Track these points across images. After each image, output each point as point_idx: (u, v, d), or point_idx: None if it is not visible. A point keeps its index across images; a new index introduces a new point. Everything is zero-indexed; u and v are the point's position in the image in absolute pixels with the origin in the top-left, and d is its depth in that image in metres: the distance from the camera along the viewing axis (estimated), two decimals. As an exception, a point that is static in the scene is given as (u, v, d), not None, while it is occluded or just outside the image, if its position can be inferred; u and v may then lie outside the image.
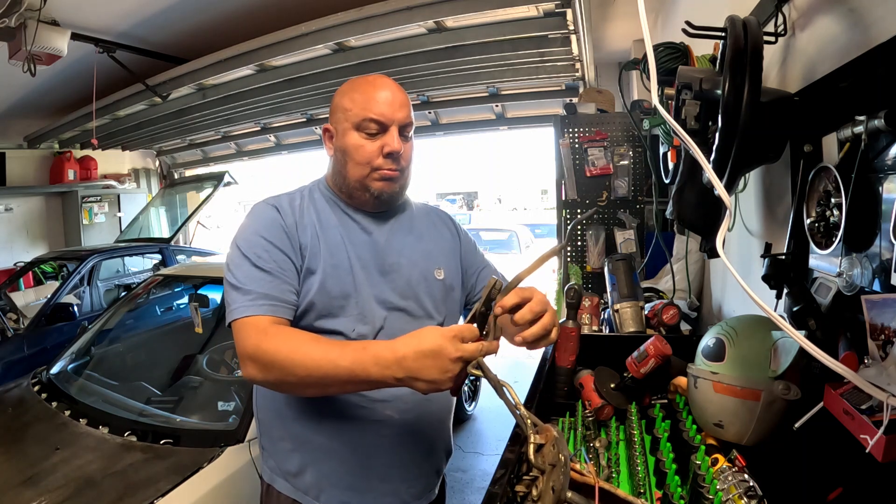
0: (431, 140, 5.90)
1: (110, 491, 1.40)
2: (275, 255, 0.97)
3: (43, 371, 2.26)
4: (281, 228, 0.99)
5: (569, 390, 1.31)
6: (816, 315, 0.90)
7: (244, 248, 0.97)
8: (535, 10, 2.78)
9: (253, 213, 1.03)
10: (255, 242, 0.97)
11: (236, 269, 0.96)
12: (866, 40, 0.77)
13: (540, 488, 0.64)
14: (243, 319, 0.91)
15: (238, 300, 0.93)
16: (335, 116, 1.04)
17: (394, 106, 1.01)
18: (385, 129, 1.00)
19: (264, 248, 0.97)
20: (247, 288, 0.93)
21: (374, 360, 0.81)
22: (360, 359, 0.82)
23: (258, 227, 0.99)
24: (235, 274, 0.96)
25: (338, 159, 1.04)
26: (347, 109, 1.01)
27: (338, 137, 1.03)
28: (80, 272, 4.01)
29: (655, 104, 0.92)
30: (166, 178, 7.20)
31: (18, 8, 2.66)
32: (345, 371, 0.83)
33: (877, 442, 0.62)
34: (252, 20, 3.24)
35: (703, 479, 0.85)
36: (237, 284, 0.95)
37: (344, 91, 1.04)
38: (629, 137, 2.36)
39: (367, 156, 1.01)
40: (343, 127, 1.02)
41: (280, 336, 0.89)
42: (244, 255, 0.97)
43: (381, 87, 1.02)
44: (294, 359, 0.85)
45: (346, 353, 0.84)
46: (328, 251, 1.01)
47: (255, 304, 0.92)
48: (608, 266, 1.71)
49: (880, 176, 0.76)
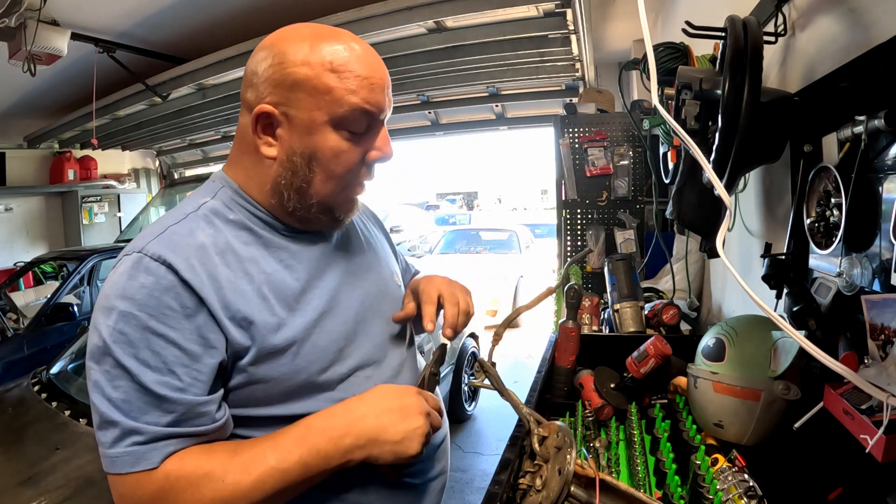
0: (431, 140, 5.90)
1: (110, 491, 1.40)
2: (178, 364, 0.60)
3: (43, 371, 2.26)
4: (175, 312, 0.60)
5: (569, 390, 1.31)
6: (816, 315, 0.90)
7: (116, 347, 0.58)
8: (535, 10, 2.78)
9: (124, 282, 0.61)
10: (136, 338, 0.59)
11: (108, 380, 0.59)
12: (866, 40, 0.77)
13: (545, 476, 0.65)
14: (131, 476, 0.59)
15: (115, 441, 0.58)
16: (293, 97, 0.65)
17: (388, 89, 0.70)
18: (374, 126, 0.70)
19: (151, 345, 0.59)
20: (129, 423, 0.58)
21: (324, 433, 0.63)
22: (307, 443, 0.62)
23: (140, 307, 0.59)
24: (108, 393, 0.59)
25: (293, 166, 0.67)
26: (326, 92, 0.64)
27: (295, 132, 0.66)
28: (80, 272, 4.01)
29: (655, 104, 0.92)
30: (166, 178, 7.20)
31: (18, 8, 2.66)
32: (297, 471, 0.61)
33: (877, 442, 0.62)
34: (252, 20, 3.24)
35: (703, 479, 0.85)
36: (109, 414, 0.58)
37: (310, 58, 0.64)
38: (629, 137, 2.36)
39: (346, 167, 0.69)
40: (312, 118, 0.65)
41: (189, 486, 0.59)
42: (116, 360, 0.59)
43: (374, 59, 0.68)
44: (226, 491, 0.59)
45: (284, 447, 0.62)
46: (286, 311, 0.68)
47: (153, 450, 0.59)
48: (608, 266, 1.71)
49: (880, 176, 0.76)
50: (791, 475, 0.89)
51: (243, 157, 0.71)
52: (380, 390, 0.68)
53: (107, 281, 0.63)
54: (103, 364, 0.59)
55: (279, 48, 0.66)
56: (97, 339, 0.60)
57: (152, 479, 0.59)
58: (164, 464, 0.60)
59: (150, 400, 0.59)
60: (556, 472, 0.64)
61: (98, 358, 0.60)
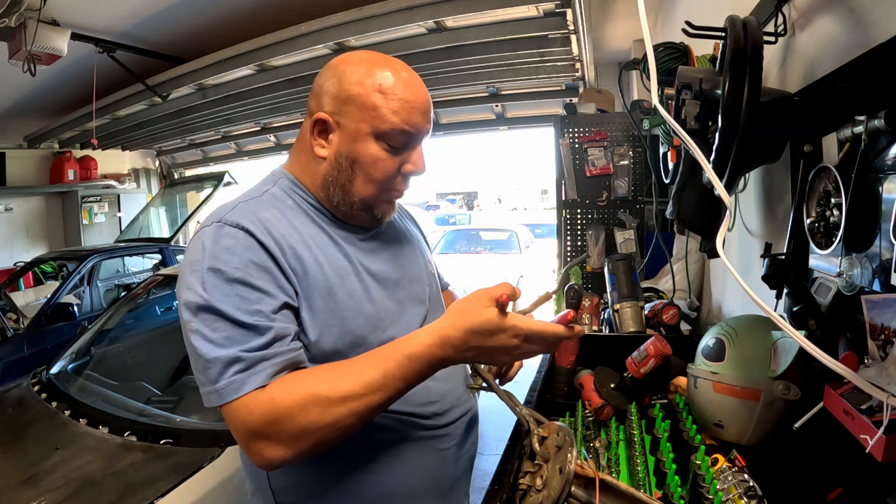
0: (431, 140, 5.88)
1: (110, 491, 1.40)
2: (263, 302, 0.71)
3: (43, 371, 2.25)
4: (257, 265, 0.72)
5: (569, 390, 1.31)
6: (816, 315, 0.90)
7: (210, 296, 0.69)
8: (535, 10, 2.78)
9: (210, 245, 0.72)
10: (226, 285, 0.70)
11: (206, 325, 0.69)
12: (866, 40, 0.77)
13: (545, 476, 0.65)
14: (240, 400, 0.67)
15: (220, 373, 0.68)
16: (345, 109, 0.77)
17: (427, 114, 0.81)
18: (411, 143, 0.81)
19: (240, 292, 0.70)
20: (232, 353, 0.68)
21: (438, 341, 0.69)
22: (405, 346, 0.69)
23: (227, 262, 0.71)
24: (209, 336, 0.69)
25: (339, 166, 0.79)
26: (372, 109, 0.76)
27: (345, 139, 0.78)
28: (80, 272, 4.01)
29: (655, 104, 0.92)
30: (166, 178, 7.21)
31: (18, 8, 2.66)
32: (403, 371, 0.68)
33: (877, 442, 0.62)
34: (252, 20, 3.24)
35: (703, 479, 0.85)
36: (212, 353, 0.68)
37: (364, 80, 0.77)
38: (629, 137, 2.36)
39: (384, 173, 0.79)
40: (359, 129, 0.77)
41: (295, 390, 0.68)
42: (211, 307, 0.69)
43: (418, 86, 0.80)
44: (332, 408, 0.66)
45: (386, 355, 0.70)
46: (338, 279, 0.79)
47: (254, 374, 0.68)
48: (608, 266, 1.71)
49: (880, 176, 0.76)
50: (791, 475, 0.89)
51: (300, 155, 0.84)
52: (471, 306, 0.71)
53: (190, 249, 0.75)
54: (201, 315, 0.70)
55: (341, 68, 0.79)
56: (193, 297, 0.70)
57: (259, 401, 0.67)
58: (268, 388, 0.68)
59: (245, 332, 0.69)
60: (557, 471, 0.64)
61: (195, 311, 0.70)
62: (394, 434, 0.81)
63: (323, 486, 0.81)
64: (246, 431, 0.68)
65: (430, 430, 0.85)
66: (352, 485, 0.81)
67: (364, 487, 0.81)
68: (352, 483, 0.81)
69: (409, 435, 0.83)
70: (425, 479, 0.85)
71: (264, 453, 0.67)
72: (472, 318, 0.67)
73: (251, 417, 0.67)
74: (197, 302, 0.70)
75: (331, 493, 0.81)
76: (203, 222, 0.77)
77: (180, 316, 0.73)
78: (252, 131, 5.80)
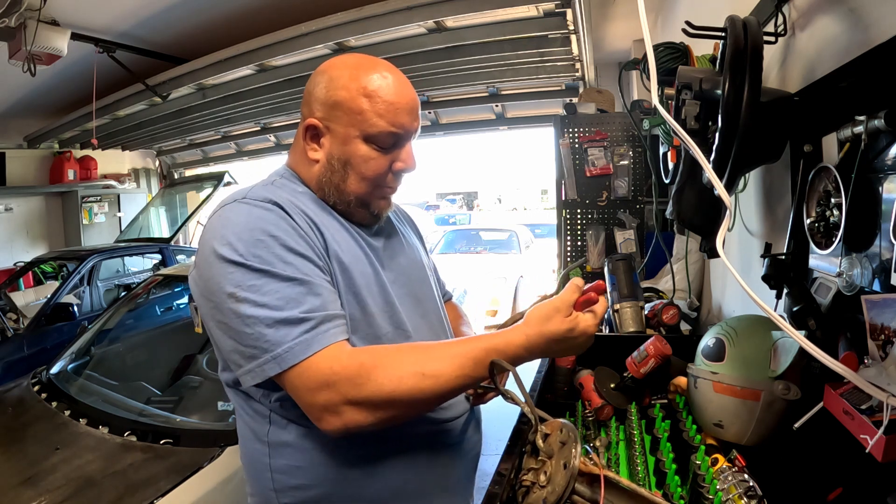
0: (431, 140, 5.90)
1: (110, 491, 1.40)
2: (308, 266, 0.74)
3: (43, 371, 2.25)
4: (295, 230, 0.75)
5: (569, 390, 1.31)
6: (816, 315, 0.90)
7: (253, 260, 0.69)
8: (535, 10, 2.78)
9: (241, 216, 0.74)
10: (269, 247, 0.71)
11: (255, 291, 0.68)
12: (866, 40, 0.77)
13: (549, 472, 0.65)
14: (311, 359, 0.68)
15: (279, 335, 0.68)
16: (334, 114, 0.80)
17: (414, 113, 0.83)
18: (400, 143, 0.84)
19: (284, 255, 0.72)
20: (289, 313, 0.68)
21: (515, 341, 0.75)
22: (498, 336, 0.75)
23: (262, 228, 0.72)
24: (257, 299, 0.68)
25: (331, 168, 0.82)
26: (359, 113, 0.79)
27: (335, 142, 0.81)
28: (80, 272, 4.01)
29: (655, 104, 0.92)
30: (166, 177, 7.20)
31: (18, 8, 2.66)
32: (482, 355, 0.72)
33: (877, 442, 0.62)
34: (252, 20, 3.24)
35: (703, 479, 0.85)
36: (272, 316, 0.68)
37: (349, 84, 0.79)
38: (629, 137, 2.36)
39: (375, 172, 0.82)
40: (347, 133, 0.80)
41: (389, 359, 0.71)
42: (258, 269, 0.69)
43: (403, 87, 0.82)
44: (424, 382, 0.69)
45: (472, 346, 0.74)
46: (352, 259, 0.82)
47: (321, 333, 0.69)
48: (608, 266, 1.71)
49: (880, 176, 0.76)
50: (791, 475, 0.89)
51: (296, 157, 0.88)
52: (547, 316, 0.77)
53: (212, 228, 0.75)
54: (245, 285, 0.69)
55: (328, 74, 0.83)
56: (231, 269, 0.70)
57: (349, 353, 0.70)
58: (356, 351, 0.71)
59: (301, 289, 0.70)
60: (562, 466, 0.64)
61: (237, 284, 0.69)
62: (400, 429, 0.80)
63: (328, 486, 0.80)
64: (326, 387, 0.67)
65: (436, 425, 0.86)
66: (358, 483, 0.80)
67: (372, 486, 0.81)
68: (359, 481, 0.80)
69: (415, 430, 0.83)
70: (433, 474, 0.86)
71: (345, 414, 0.68)
72: (554, 326, 0.75)
73: (340, 368, 0.68)
74: (238, 276, 0.69)
75: (337, 493, 0.80)
76: (221, 202, 0.79)
77: (204, 301, 0.73)
78: (252, 131, 5.80)
